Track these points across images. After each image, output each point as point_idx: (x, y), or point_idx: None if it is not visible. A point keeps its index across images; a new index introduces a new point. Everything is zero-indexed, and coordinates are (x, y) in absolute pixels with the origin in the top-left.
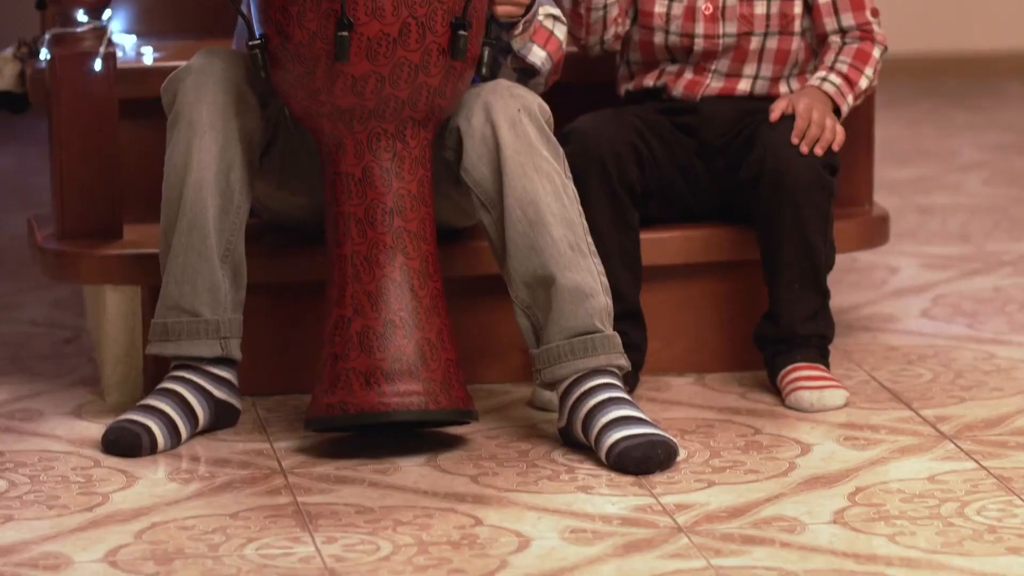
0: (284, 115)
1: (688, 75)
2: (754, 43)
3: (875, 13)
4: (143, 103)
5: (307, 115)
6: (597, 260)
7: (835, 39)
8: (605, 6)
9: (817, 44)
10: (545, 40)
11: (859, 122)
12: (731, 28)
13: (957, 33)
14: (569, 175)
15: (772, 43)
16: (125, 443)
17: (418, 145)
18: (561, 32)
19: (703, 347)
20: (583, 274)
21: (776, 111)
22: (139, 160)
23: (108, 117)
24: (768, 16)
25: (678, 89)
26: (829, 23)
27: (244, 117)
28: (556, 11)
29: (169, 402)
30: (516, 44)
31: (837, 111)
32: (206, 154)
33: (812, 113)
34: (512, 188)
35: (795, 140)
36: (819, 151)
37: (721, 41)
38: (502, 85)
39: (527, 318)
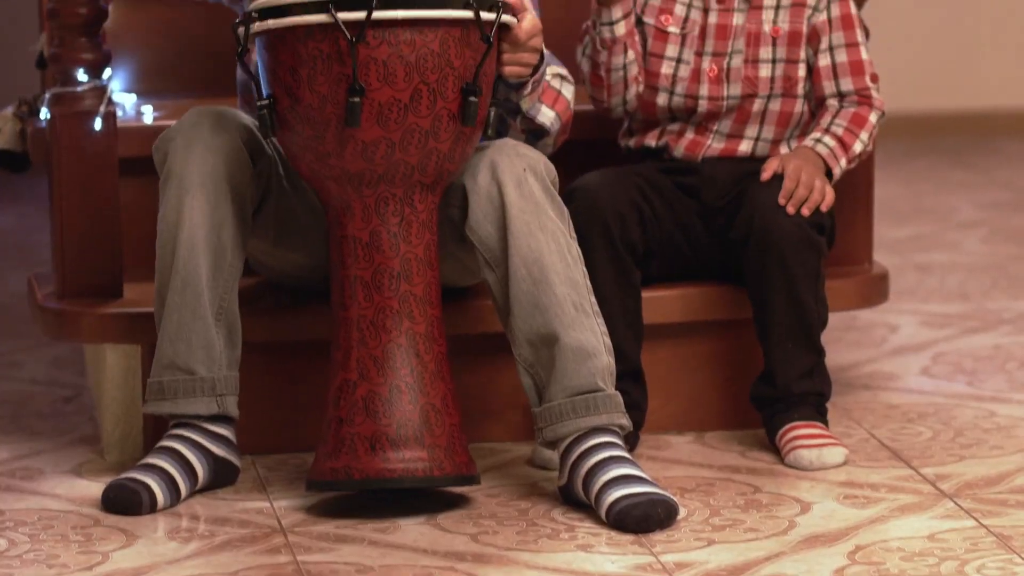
0: (276, 171)
1: (689, 135)
2: (757, 105)
3: (874, 79)
4: (143, 162)
5: (315, 177)
6: (600, 320)
7: (833, 102)
8: (624, 66)
9: (816, 107)
10: (553, 100)
11: (858, 181)
12: (735, 90)
13: (954, 92)
14: (573, 235)
15: (775, 105)
16: (124, 501)
17: (425, 209)
18: (569, 92)
19: (703, 405)
20: (586, 333)
21: (767, 171)
22: (139, 219)
23: (108, 176)
24: (772, 79)
25: (679, 150)
26: (828, 87)
27: (235, 175)
28: (563, 71)
29: (168, 459)
30: (524, 105)
31: (829, 173)
32: (197, 213)
33: (801, 174)
34: (517, 247)
35: (782, 201)
36: (806, 212)
37: (725, 103)
38: (508, 144)
39: (530, 376)
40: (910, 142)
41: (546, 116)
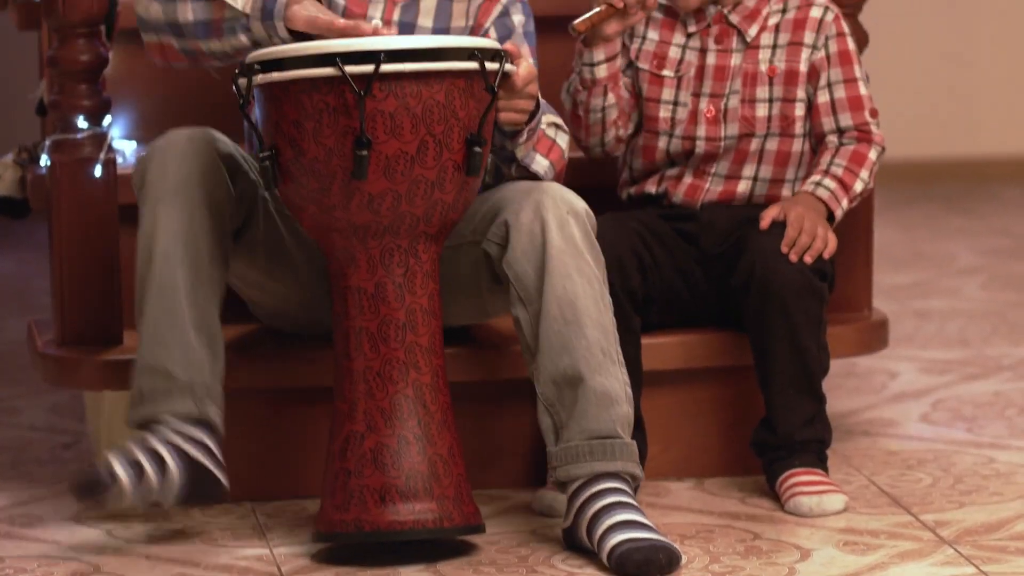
0: (261, 196)
1: (688, 179)
2: (754, 144)
3: (874, 114)
4: None
5: (319, 229)
6: (624, 371)
7: (832, 139)
8: (603, 108)
9: (816, 144)
10: (548, 149)
11: (857, 228)
12: (732, 130)
13: (952, 139)
14: (607, 283)
15: (772, 144)
16: (85, 484)
17: (429, 259)
18: (564, 141)
19: (702, 452)
20: (611, 380)
21: (767, 218)
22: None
23: (108, 223)
24: (769, 118)
25: (679, 195)
26: (827, 123)
27: (212, 188)
28: (559, 120)
29: (132, 443)
30: (519, 153)
31: (831, 216)
32: (174, 222)
33: (804, 222)
34: (553, 286)
35: (785, 249)
36: (809, 259)
37: (722, 143)
38: (554, 186)
39: (549, 416)
40: (908, 189)
41: (540, 165)
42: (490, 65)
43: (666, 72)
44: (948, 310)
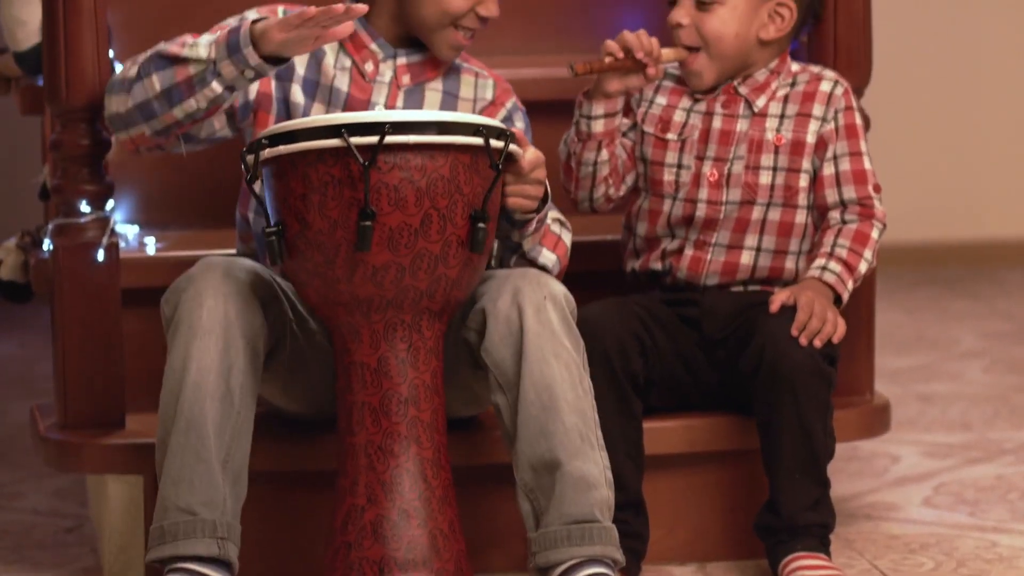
0: (290, 318)
1: (690, 252)
2: (756, 213)
3: (877, 189)
4: (145, 293)
5: (323, 303)
6: (604, 454)
7: (835, 215)
8: (595, 163)
9: (818, 217)
10: (554, 244)
11: (860, 311)
12: (734, 196)
13: (956, 222)
14: (587, 367)
15: (775, 214)
16: None
17: (433, 336)
18: (568, 238)
19: (705, 536)
20: (589, 464)
21: (776, 302)
22: (141, 350)
23: (110, 307)
24: (772, 187)
25: (682, 270)
26: (831, 195)
27: (246, 322)
28: (562, 217)
29: None
30: (527, 245)
31: (838, 299)
32: (206, 356)
33: (814, 306)
34: (530, 372)
35: (795, 332)
36: (818, 343)
37: (723, 208)
38: (531, 272)
39: (529, 501)
40: (912, 272)
41: (547, 259)
42: (495, 143)
43: (670, 135)
44: (951, 394)
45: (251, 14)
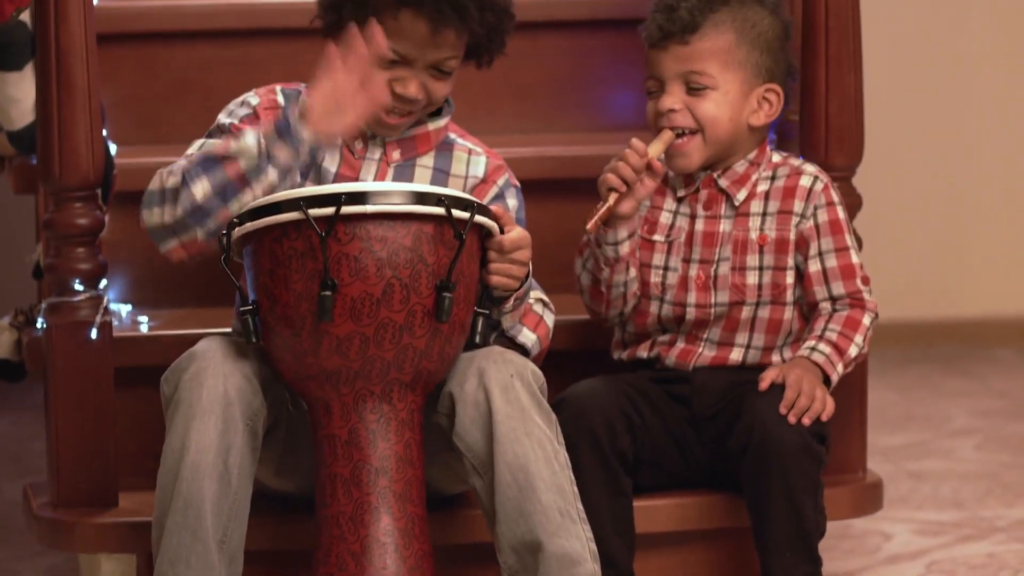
0: (287, 400)
1: (680, 344)
2: (745, 312)
3: (866, 281)
4: (138, 372)
5: (296, 378)
6: (587, 527)
7: (825, 306)
8: (626, 283)
9: (808, 311)
10: (535, 324)
11: (852, 389)
12: (723, 297)
13: (948, 300)
14: (561, 441)
15: (764, 312)
16: None
17: (405, 408)
18: (550, 319)
19: None
20: (571, 540)
21: (766, 380)
22: (134, 428)
23: (103, 386)
24: (760, 286)
25: (671, 359)
26: (820, 292)
27: (246, 402)
28: (545, 297)
29: None
30: (506, 323)
31: (827, 380)
32: (204, 437)
33: (803, 384)
34: (503, 453)
35: (783, 410)
36: (807, 421)
37: (713, 310)
38: (495, 351)
39: None
40: (905, 350)
41: (527, 338)
42: (460, 213)
43: (657, 237)
44: (943, 471)
45: (253, 98)
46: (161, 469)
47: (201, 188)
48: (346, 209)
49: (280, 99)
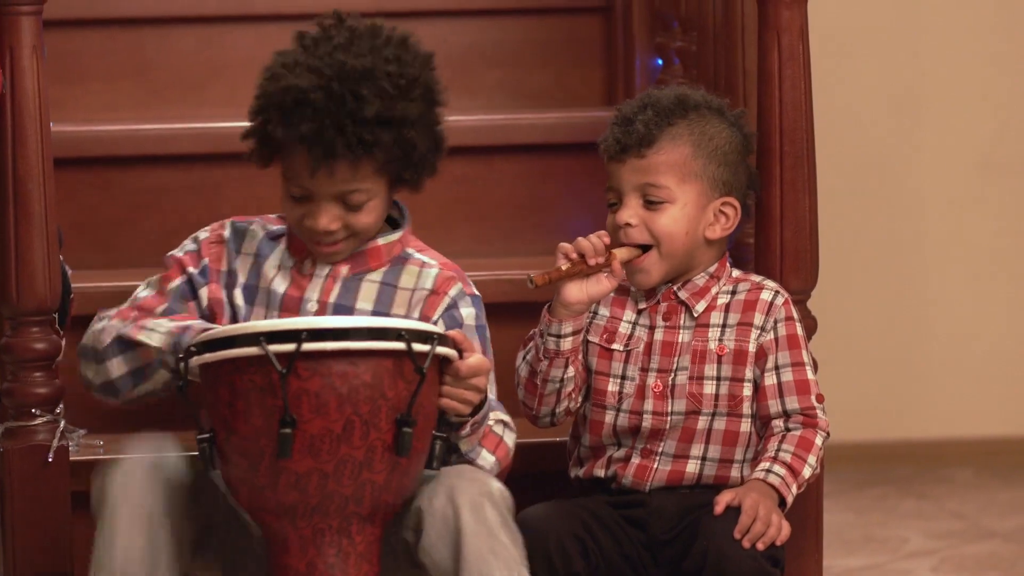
0: (222, 503)
1: (636, 460)
2: (701, 423)
3: (820, 399)
4: None
5: (252, 510)
6: None
7: (778, 423)
8: (562, 379)
9: (761, 427)
10: (495, 445)
11: (807, 511)
12: (679, 407)
13: (904, 422)
14: (526, 563)
15: (720, 424)
16: None
17: (363, 541)
18: (511, 440)
19: None
20: None
21: (721, 504)
22: (90, 553)
23: (60, 509)
24: (716, 396)
25: (628, 478)
26: (773, 405)
27: (174, 511)
28: (507, 418)
29: None
30: (464, 446)
31: (783, 502)
32: (132, 549)
33: (759, 508)
34: (469, 571)
35: (738, 535)
36: (761, 547)
37: (669, 419)
38: (466, 470)
39: None
40: (861, 471)
41: (486, 460)
42: (420, 347)
43: (615, 346)
44: None
45: (202, 234)
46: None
47: (115, 367)
48: (306, 346)
49: (227, 233)
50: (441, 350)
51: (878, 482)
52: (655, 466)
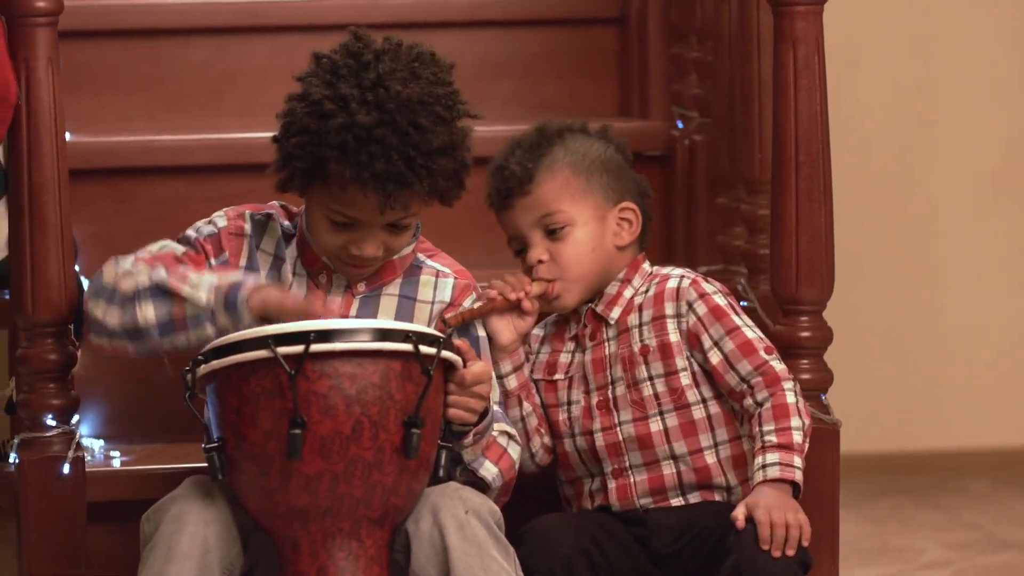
0: (268, 543)
1: (612, 484)
2: (653, 425)
3: (769, 351)
4: (111, 507)
5: (263, 516)
6: None
7: (748, 401)
8: (523, 418)
9: (736, 405)
10: (498, 457)
11: (823, 523)
12: (626, 416)
13: (919, 432)
14: (520, 574)
15: (672, 420)
16: None
17: (374, 544)
18: (515, 452)
19: None
20: None
21: (740, 519)
22: (107, 564)
23: (76, 521)
24: (657, 395)
25: (615, 503)
26: (731, 378)
27: (224, 551)
28: (512, 430)
29: None
30: (467, 456)
31: (796, 487)
32: None
33: (771, 515)
34: None
35: (764, 547)
36: (790, 552)
37: (619, 429)
38: (450, 487)
39: None
40: (876, 482)
41: (489, 471)
42: (427, 349)
43: (557, 376)
44: None
45: (220, 220)
46: None
47: (146, 313)
48: (315, 347)
49: (247, 226)
50: (447, 354)
51: (893, 492)
52: (632, 481)
